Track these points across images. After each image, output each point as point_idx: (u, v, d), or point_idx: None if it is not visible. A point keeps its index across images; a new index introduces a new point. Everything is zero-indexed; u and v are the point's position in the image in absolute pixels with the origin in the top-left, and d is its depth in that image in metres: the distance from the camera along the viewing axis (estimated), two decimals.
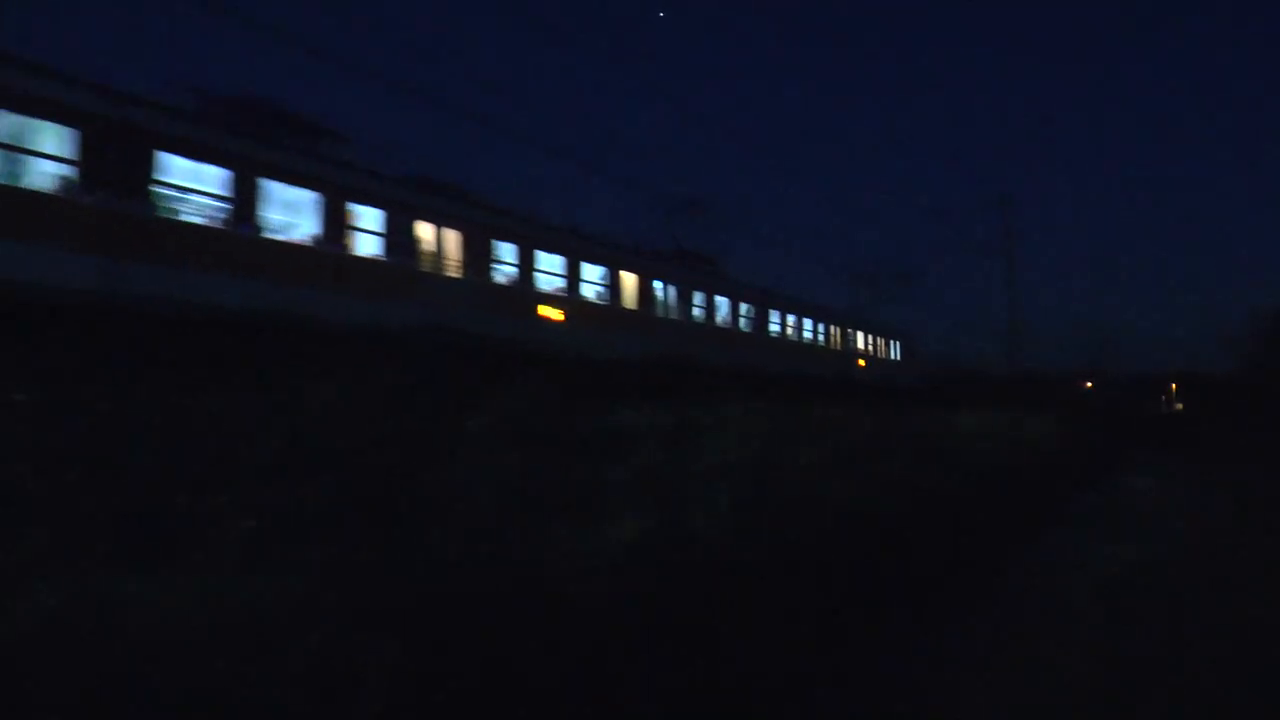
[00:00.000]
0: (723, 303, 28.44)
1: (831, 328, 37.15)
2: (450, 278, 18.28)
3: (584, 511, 5.69)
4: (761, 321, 30.67)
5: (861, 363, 40.64)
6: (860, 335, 40.76)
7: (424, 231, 17.81)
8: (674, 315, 25.56)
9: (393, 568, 4.04)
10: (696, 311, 26.78)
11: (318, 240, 15.46)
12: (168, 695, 3.01)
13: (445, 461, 5.62)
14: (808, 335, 34.92)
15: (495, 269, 19.34)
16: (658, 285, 24.91)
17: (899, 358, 46.45)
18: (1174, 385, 79.37)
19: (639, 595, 4.70)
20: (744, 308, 29.66)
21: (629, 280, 23.62)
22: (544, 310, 20.61)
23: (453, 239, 18.45)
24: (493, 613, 3.92)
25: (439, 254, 18.13)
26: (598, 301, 22.45)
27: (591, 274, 22.23)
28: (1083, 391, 65.81)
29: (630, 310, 23.58)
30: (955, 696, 6.21)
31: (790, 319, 33.18)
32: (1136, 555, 11.71)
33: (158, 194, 13.07)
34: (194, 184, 13.50)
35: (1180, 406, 73.34)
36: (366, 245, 16.48)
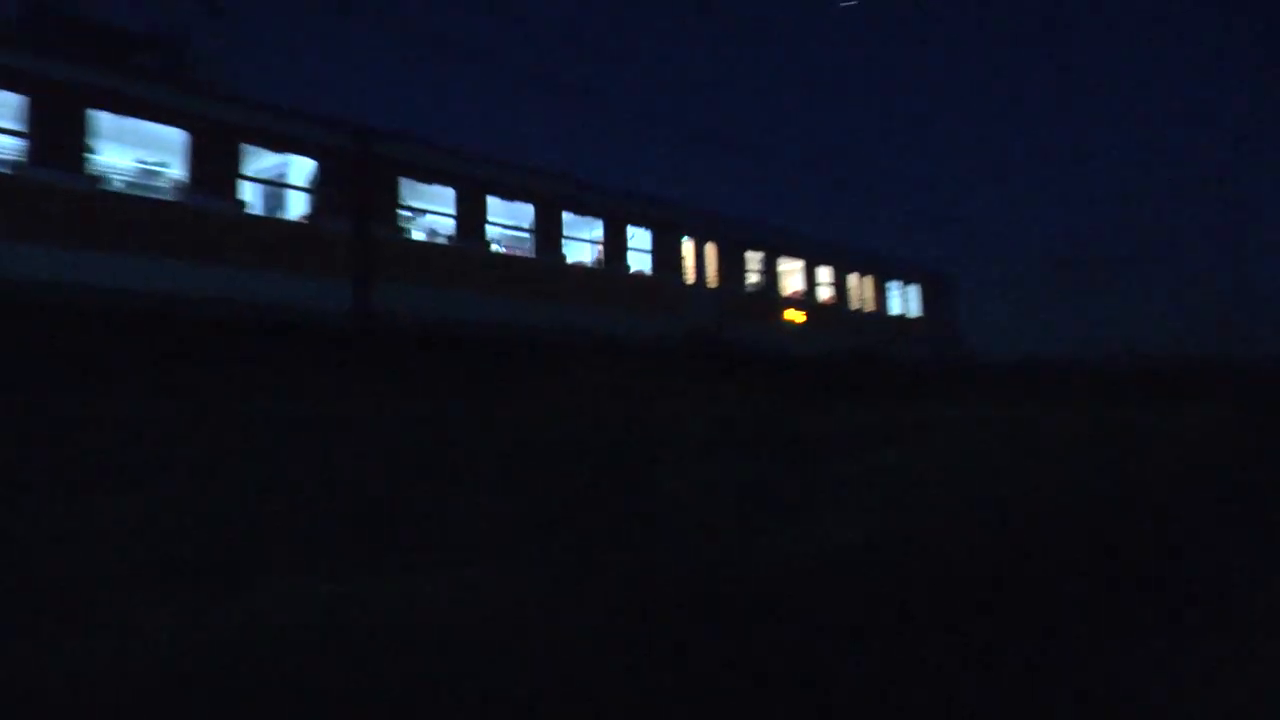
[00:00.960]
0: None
1: (706, 245, 21.43)
2: None
3: None
4: (471, 223, 15.89)
5: (797, 318, 24.56)
6: (798, 266, 24.54)
7: None
8: None
9: (606, 568, 4.11)
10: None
11: None
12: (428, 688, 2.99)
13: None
14: (638, 262, 19.74)
15: None
16: None
17: (921, 314, 28.60)
18: None
19: None
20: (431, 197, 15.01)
21: None
22: None
23: None
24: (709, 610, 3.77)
25: None
26: None
27: None
28: None
29: None
30: None
31: (569, 220, 18.05)
32: None
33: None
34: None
35: None
36: None
